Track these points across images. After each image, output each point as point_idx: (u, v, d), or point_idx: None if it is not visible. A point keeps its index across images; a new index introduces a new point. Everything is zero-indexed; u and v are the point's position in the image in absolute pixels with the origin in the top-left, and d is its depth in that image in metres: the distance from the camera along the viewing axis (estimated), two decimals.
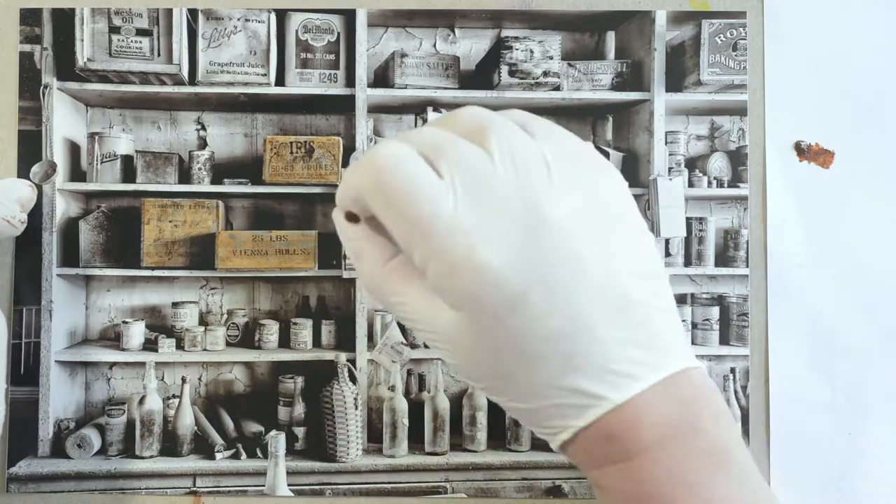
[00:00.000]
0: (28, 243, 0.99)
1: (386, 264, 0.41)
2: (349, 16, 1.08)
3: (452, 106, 1.14)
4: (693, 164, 1.18)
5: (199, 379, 1.10)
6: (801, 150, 0.98)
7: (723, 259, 1.08)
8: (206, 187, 1.09)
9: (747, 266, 1.01)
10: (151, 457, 1.02)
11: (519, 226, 0.35)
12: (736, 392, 0.99)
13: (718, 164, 1.15)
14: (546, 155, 0.37)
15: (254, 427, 1.05)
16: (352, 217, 0.41)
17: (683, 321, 1.06)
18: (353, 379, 1.06)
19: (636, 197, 0.75)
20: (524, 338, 0.35)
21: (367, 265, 0.42)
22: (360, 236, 0.42)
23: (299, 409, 1.06)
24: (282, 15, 1.07)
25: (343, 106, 1.11)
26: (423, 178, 0.36)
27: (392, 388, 1.07)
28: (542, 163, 0.36)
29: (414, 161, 0.37)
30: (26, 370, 0.99)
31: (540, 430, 0.38)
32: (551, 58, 1.10)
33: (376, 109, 1.13)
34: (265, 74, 1.07)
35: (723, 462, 0.36)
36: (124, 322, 1.06)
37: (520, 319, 0.35)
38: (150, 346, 1.08)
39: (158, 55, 1.04)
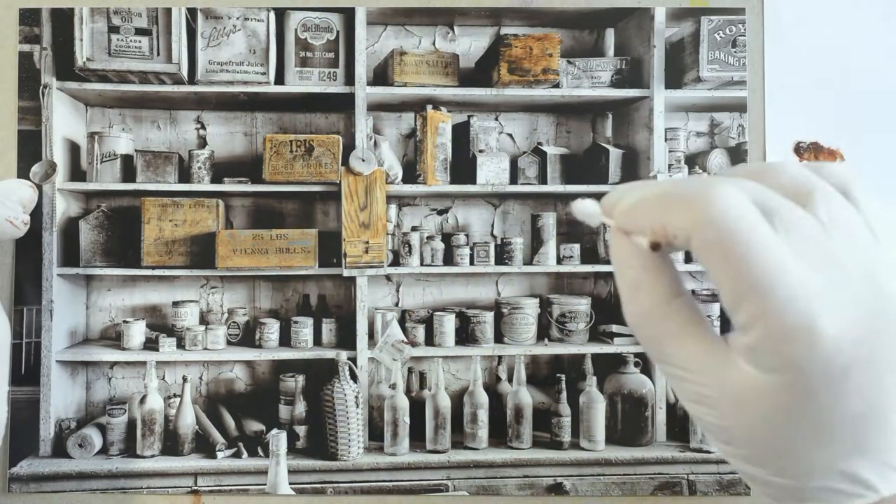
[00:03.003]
0: (28, 243, 0.99)
1: (669, 303, 0.38)
2: (348, 14, 1.08)
3: (452, 104, 1.14)
4: (693, 160, 1.18)
5: (200, 378, 1.10)
6: (801, 152, 0.98)
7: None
8: (206, 186, 1.09)
9: None
10: (153, 456, 1.02)
11: (858, 299, 0.34)
12: None
13: (718, 161, 1.15)
14: (873, 223, 0.36)
15: (255, 426, 1.05)
16: (656, 247, 0.37)
17: None
18: (353, 377, 1.06)
19: None
20: (830, 413, 0.34)
21: (647, 299, 0.38)
22: (646, 266, 0.38)
23: (300, 408, 1.06)
24: (281, 13, 1.07)
25: (342, 104, 1.11)
26: (765, 235, 0.34)
27: (393, 387, 1.07)
28: (871, 234, 0.36)
29: (756, 215, 0.35)
30: (27, 370, 0.99)
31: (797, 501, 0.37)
32: (551, 55, 1.10)
33: (376, 107, 1.13)
34: (265, 73, 1.07)
35: None
36: (125, 321, 1.06)
37: (833, 395, 0.34)
38: (150, 345, 1.07)
39: (158, 54, 1.04)
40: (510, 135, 1.16)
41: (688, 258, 1.09)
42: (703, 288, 1.09)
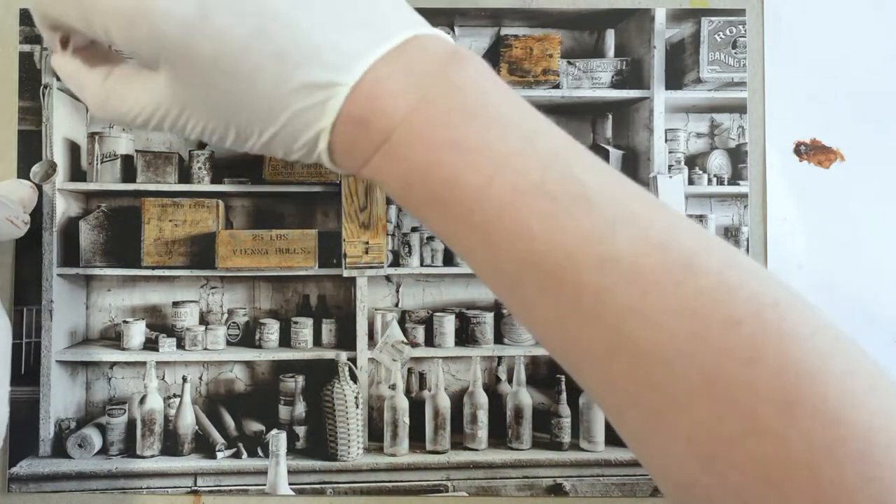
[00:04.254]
0: (28, 243, 0.99)
1: (105, 81, 0.41)
2: None
3: None
4: (693, 161, 1.17)
5: (200, 378, 1.10)
6: (801, 153, 0.98)
7: None
8: (207, 186, 1.09)
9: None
10: (152, 456, 1.02)
11: None
12: None
13: (718, 162, 1.15)
14: None
15: (255, 426, 1.05)
16: (64, 43, 0.42)
17: None
18: (353, 377, 1.06)
19: None
20: (228, 55, 0.34)
21: (90, 91, 0.42)
22: (77, 67, 0.43)
23: (300, 408, 1.06)
24: None
25: None
26: None
27: (393, 387, 1.07)
28: None
29: None
30: (27, 370, 1.00)
31: (303, 151, 0.37)
32: (551, 56, 1.10)
33: None
34: None
35: (485, 111, 0.34)
36: (125, 322, 1.06)
37: (212, 41, 0.34)
38: (150, 345, 1.08)
39: None
40: None
41: None
42: None
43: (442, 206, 0.34)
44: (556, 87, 1.11)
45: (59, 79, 1.03)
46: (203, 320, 1.11)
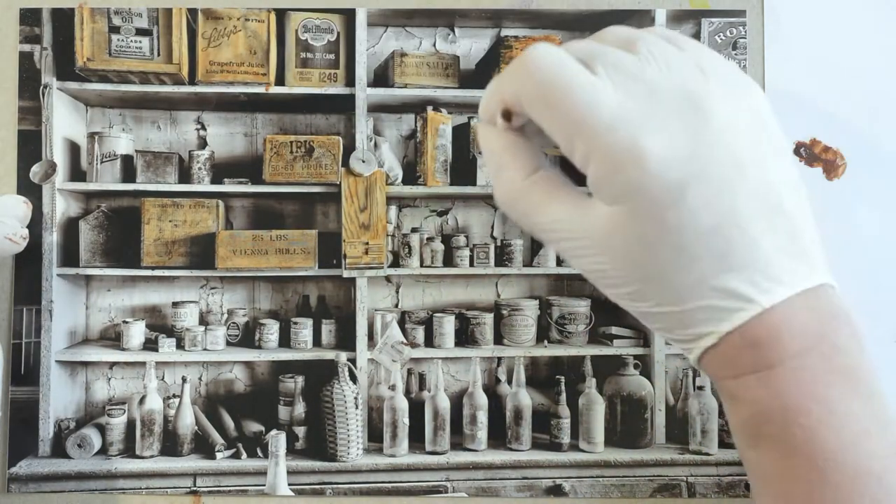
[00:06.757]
0: (28, 243, 0.99)
1: (528, 177, 0.40)
2: (349, 15, 1.08)
3: (452, 105, 1.14)
4: None
5: (200, 378, 1.10)
6: (801, 154, 0.98)
7: None
8: (206, 187, 1.09)
9: None
10: (152, 456, 1.02)
11: (680, 119, 0.35)
12: None
13: None
14: (699, 61, 0.37)
15: (254, 426, 1.05)
16: (507, 115, 0.40)
17: None
18: (353, 378, 1.06)
19: None
20: (681, 231, 0.35)
21: (507, 177, 0.41)
22: (505, 146, 0.41)
23: (300, 409, 1.06)
24: (281, 14, 1.07)
25: (343, 105, 1.11)
26: (583, 77, 0.36)
27: (392, 388, 1.07)
28: (696, 68, 0.37)
29: (571, 61, 0.37)
30: (26, 370, 0.99)
31: (683, 337, 0.38)
32: None
33: (376, 109, 1.13)
34: (265, 74, 1.07)
35: (857, 381, 0.35)
36: (124, 322, 1.06)
37: (678, 212, 0.35)
38: (150, 345, 1.08)
39: (158, 55, 1.04)
40: None
41: None
42: None
43: (789, 449, 0.36)
44: None
45: (59, 78, 1.04)
46: (203, 321, 1.11)
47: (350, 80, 1.09)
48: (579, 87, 0.36)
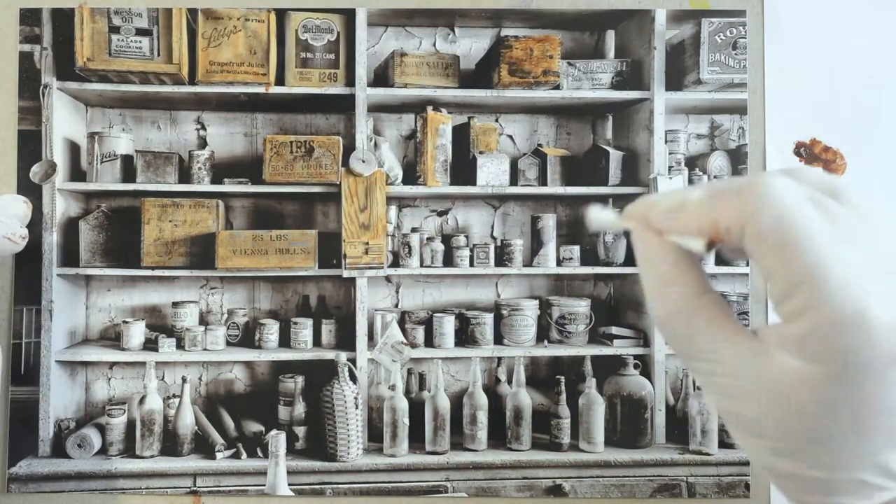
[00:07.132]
0: (28, 243, 0.99)
1: (700, 298, 0.38)
2: (349, 15, 1.08)
3: (452, 105, 1.14)
4: (693, 162, 1.18)
5: (200, 378, 1.10)
6: (801, 153, 0.98)
7: (723, 258, 1.08)
8: (206, 187, 1.09)
9: (747, 265, 1.01)
10: (152, 456, 1.02)
11: None
12: None
13: (718, 163, 1.15)
14: (887, 220, 0.37)
15: (254, 426, 1.05)
16: (711, 245, 0.38)
17: None
18: (353, 378, 1.06)
19: (636, 196, 0.75)
20: (874, 403, 0.34)
21: (677, 293, 0.38)
22: (676, 260, 0.39)
23: (300, 409, 1.06)
24: (281, 14, 1.07)
25: (343, 105, 1.11)
26: (822, 225, 0.35)
27: (392, 388, 1.07)
28: (891, 230, 0.36)
29: (809, 203, 0.35)
30: (26, 370, 0.99)
31: (816, 502, 0.37)
32: (551, 57, 1.10)
33: (376, 108, 1.13)
34: (265, 74, 1.07)
35: None
36: (124, 322, 1.06)
37: (879, 385, 0.34)
38: (150, 345, 1.07)
39: (158, 55, 1.04)
40: (510, 136, 1.16)
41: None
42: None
43: None
44: (557, 87, 1.11)
45: (59, 78, 1.03)
46: (203, 321, 1.11)
47: (350, 80, 1.09)
48: (817, 233, 0.34)
